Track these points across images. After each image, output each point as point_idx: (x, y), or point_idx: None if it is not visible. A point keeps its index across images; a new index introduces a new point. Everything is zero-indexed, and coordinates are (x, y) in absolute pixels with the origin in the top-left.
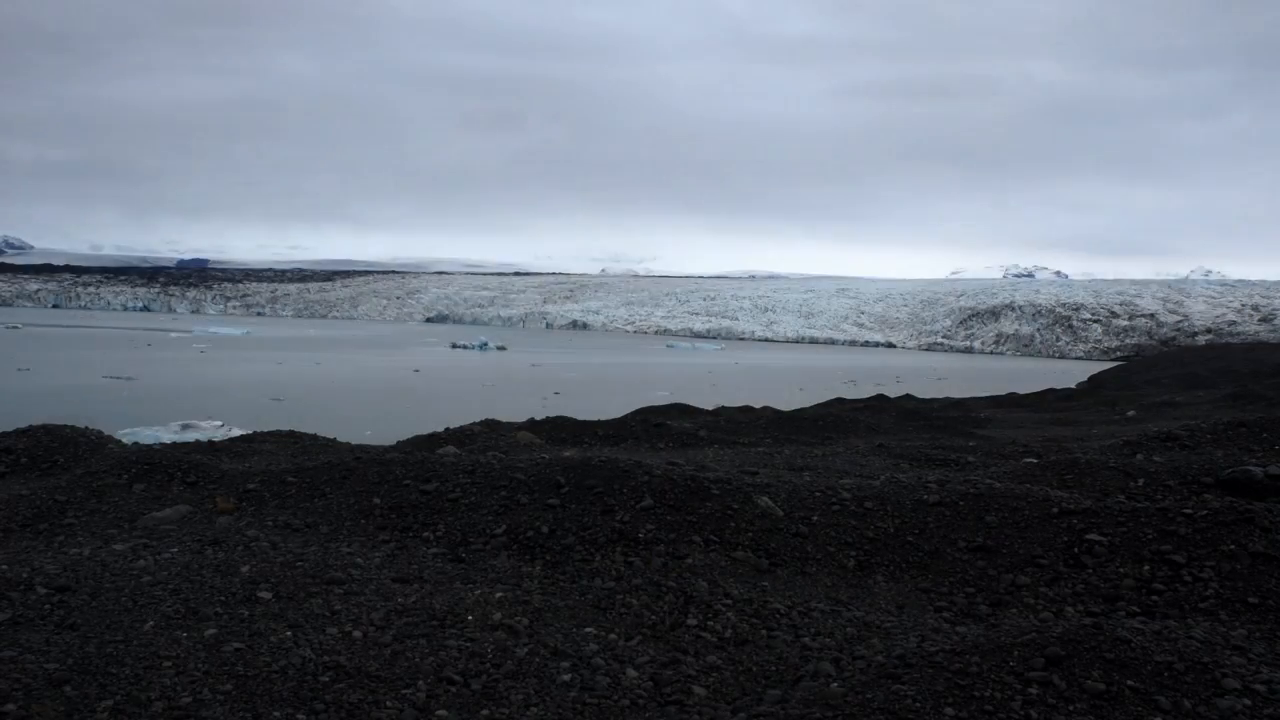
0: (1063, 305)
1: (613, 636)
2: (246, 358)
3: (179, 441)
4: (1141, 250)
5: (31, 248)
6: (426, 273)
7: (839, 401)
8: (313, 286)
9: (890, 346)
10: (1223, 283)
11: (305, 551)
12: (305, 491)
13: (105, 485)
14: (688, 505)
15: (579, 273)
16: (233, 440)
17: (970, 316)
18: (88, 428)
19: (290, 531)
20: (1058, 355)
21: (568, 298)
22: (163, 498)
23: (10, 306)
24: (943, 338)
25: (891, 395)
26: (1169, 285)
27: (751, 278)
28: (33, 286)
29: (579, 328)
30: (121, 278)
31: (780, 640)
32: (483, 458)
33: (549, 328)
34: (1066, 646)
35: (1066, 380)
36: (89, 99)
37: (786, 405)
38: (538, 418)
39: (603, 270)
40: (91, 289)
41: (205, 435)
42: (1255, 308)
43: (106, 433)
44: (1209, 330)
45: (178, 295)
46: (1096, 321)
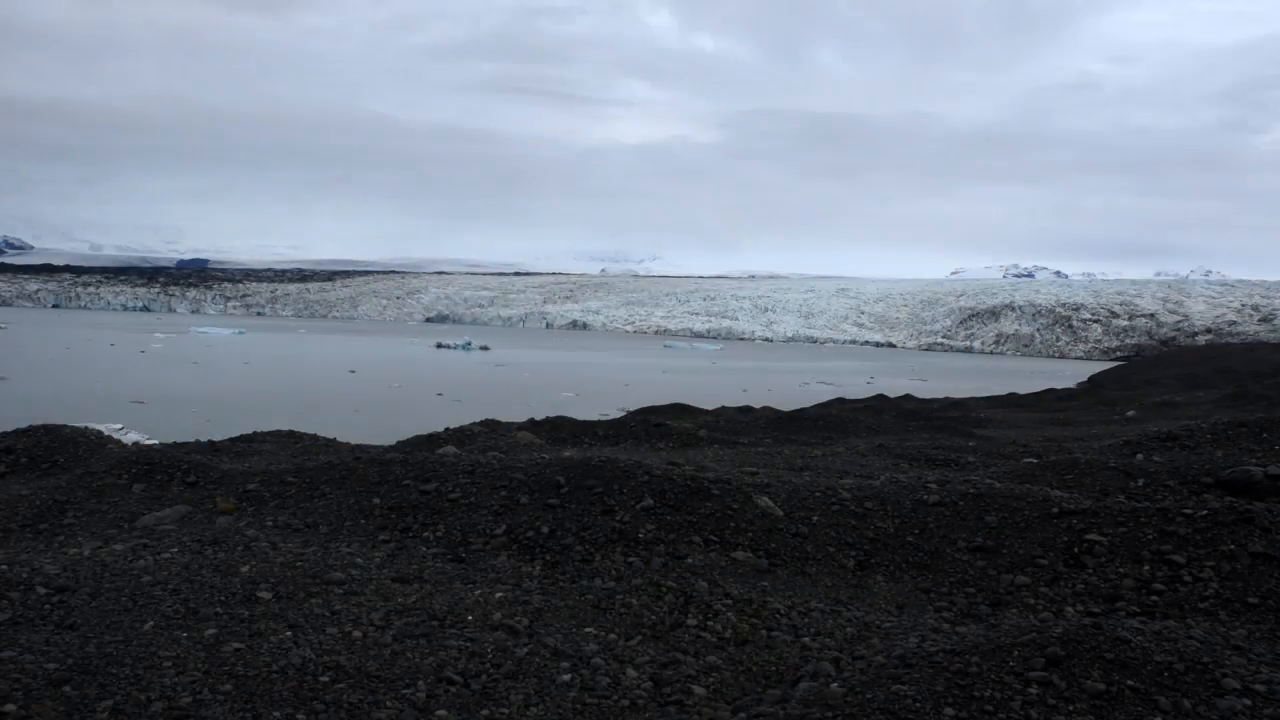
0: (1063, 305)
1: (613, 636)
2: (183, 357)
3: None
4: (1141, 250)
5: (31, 248)
6: (426, 273)
7: (839, 401)
8: (313, 286)
9: (890, 346)
10: (1223, 283)
11: (305, 552)
12: (305, 492)
13: (105, 485)
14: (688, 505)
15: (579, 273)
16: (233, 440)
17: (970, 316)
18: (88, 428)
19: (290, 532)
20: (1058, 355)
21: (568, 298)
22: (162, 498)
23: (10, 306)
24: (943, 337)
25: (891, 395)
26: (1169, 285)
27: (751, 278)
28: (32, 287)
29: (579, 328)
30: (121, 278)
31: (780, 640)
32: (482, 458)
33: (549, 328)
34: (1066, 646)
35: (1066, 380)
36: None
37: (760, 405)
38: (536, 419)
39: (603, 270)
40: (91, 289)
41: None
42: (1255, 308)
43: None
44: (1209, 330)
45: (178, 295)
46: (1096, 321)
